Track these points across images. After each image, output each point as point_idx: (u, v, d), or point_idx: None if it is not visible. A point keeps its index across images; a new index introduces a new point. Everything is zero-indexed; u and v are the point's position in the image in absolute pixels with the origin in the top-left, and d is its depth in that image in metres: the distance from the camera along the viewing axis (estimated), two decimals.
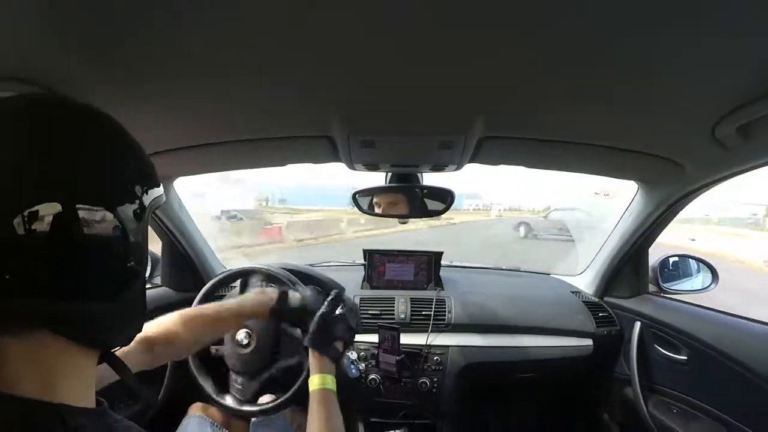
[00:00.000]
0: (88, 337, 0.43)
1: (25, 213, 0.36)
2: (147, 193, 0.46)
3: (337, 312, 0.97)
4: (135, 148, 0.47)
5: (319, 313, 0.95)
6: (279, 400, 1.11)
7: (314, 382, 0.87)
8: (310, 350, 0.93)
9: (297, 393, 1.10)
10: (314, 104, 0.82)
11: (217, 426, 1.23)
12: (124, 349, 0.52)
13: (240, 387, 1.20)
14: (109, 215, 0.41)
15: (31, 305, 0.38)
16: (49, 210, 0.37)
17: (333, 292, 1.02)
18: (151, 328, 0.84)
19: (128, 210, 0.43)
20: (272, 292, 1.01)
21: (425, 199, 1.27)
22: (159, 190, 0.49)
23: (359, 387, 1.47)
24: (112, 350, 0.50)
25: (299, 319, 0.99)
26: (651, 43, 0.56)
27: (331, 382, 0.88)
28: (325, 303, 0.98)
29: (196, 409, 1.27)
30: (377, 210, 1.30)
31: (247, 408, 1.16)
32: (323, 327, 0.94)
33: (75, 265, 0.39)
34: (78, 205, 0.39)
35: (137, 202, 0.44)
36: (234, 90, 0.75)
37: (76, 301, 0.40)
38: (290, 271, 1.30)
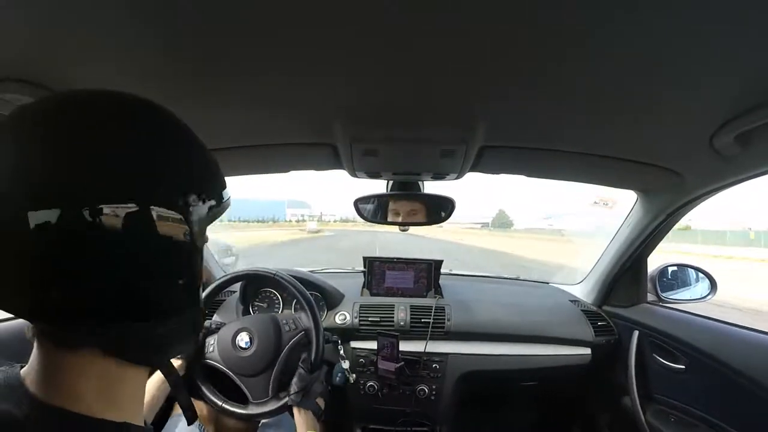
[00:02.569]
0: (136, 356, 0.41)
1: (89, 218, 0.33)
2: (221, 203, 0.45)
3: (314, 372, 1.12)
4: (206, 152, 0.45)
5: (297, 376, 1.10)
6: (283, 400, 1.11)
7: None
8: (294, 409, 1.05)
9: (299, 393, 1.11)
10: (317, 112, 0.83)
11: (202, 427, 1.22)
12: None
13: (236, 388, 1.19)
14: (182, 226, 0.38)
15: (81, 324, 0.36)
16: (119, 213, 0.34)
17: (304, 354, 1.16)
18: None
19: (198, 213, 0.40)
20: None
21: (426, 207, 1.28)
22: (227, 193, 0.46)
23: (357, 394, 1.47)
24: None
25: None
26: (650, 53, 0.57)
27: None
28: (301, 365, 1.12)
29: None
30: (378, 217, 1.30)
31: (253, 411, 1.16)
32: (304, 387, 1.07)
33: (144, 288, 0.37)
34: (153, 208, 0.36)
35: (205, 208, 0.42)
36: (237, 97, 0.76)
37: (124, 322, 0.38)
38: (293, 277, 1.30)
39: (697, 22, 0.50)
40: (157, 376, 0.97)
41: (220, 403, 1.19)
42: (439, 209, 1.27)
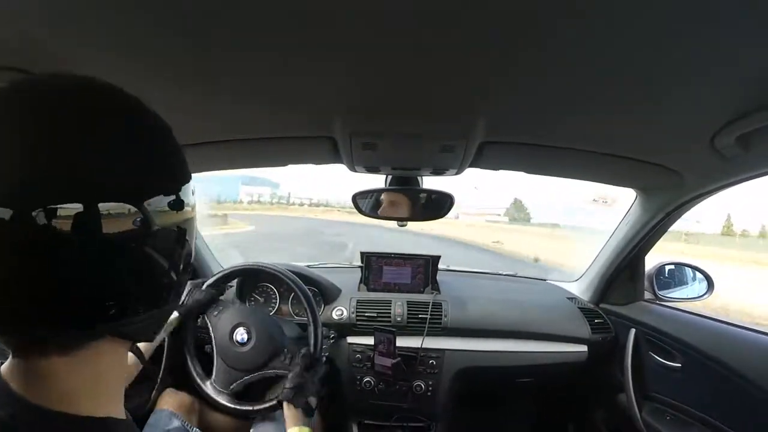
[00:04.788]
0: (143, 333, 0.42)
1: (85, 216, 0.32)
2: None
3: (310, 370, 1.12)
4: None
5: (294, 372, 1.10)
6: (275, 399, 1.11)
7: None
8: (285, 403, 1.05)
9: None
10: (316, 106, 0.82)
11: (185, 422, 1.22)
12: None
13: (232, 383, 1.19)
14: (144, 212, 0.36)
15: (102, 328, 0.36)
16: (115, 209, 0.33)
17: (303, 350, 1.16)
18: None
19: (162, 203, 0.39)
20: None
21: (425, 203, 1.28)
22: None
23: (354, 389, 1.47)
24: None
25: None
26: (652, 52, 0.57)
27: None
28: (299, 361, 1.13)
29: (166, 404, 1.25)
30: (377, 212, 1.30)
31: (246, 407, 1.16)
32: (298, 384, 1.07)
33: (150, 281, 0.38)
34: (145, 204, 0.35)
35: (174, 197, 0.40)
36: (237, 91, 0.75)
37: (143, 311, 0.38)
38: (290, 271, 1.30)
39: (700, 21, 0.49)
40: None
41: (215, 396, 1.19)
42: (438, 205, 1.26)
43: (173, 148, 0.42)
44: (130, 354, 0.89)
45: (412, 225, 1.48)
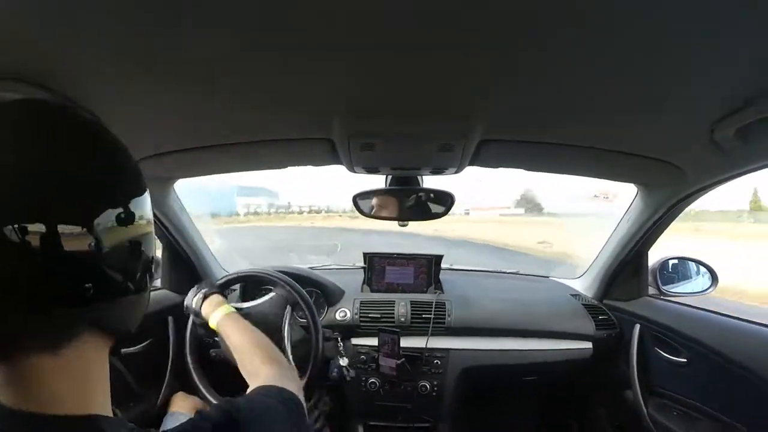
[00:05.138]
0: (123, 325, 0.44)
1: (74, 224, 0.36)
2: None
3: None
4: (126, 152, 0.45)
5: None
6: None
7: (221, 311, 1.04)
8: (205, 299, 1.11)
9: (305, 387, 1.12)
10: (314, 107, 0.82)
11: None
12: None
13: (239, 389, 1.20)
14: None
15: (75, 312, 0.38)
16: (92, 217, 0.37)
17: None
18: None
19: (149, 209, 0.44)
20: None
21: (425, 202, 1.28)
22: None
23: (359, 390, 1.47)
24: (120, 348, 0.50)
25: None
26: (650, 50, 0.57)
27: (228, 307, 1.07)
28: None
29: (178, 407, 1.25)
30: (378, 213, 1.30)
31: None
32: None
33: (124, 266, 0.41)
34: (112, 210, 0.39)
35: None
36: (235, 92, 0.75)
37: (115, 299, 0.41)
38: (293, 275, 1.31)
39: (697, 15, 0.49)
40: None
41: (210, 397, 1.19)
42: (438, 204, 1.26)
43: (120, 164, 0.43)
44: None
45: (422, 228, 1.47)
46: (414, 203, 1.27)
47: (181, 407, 1.23)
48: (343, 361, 1.39)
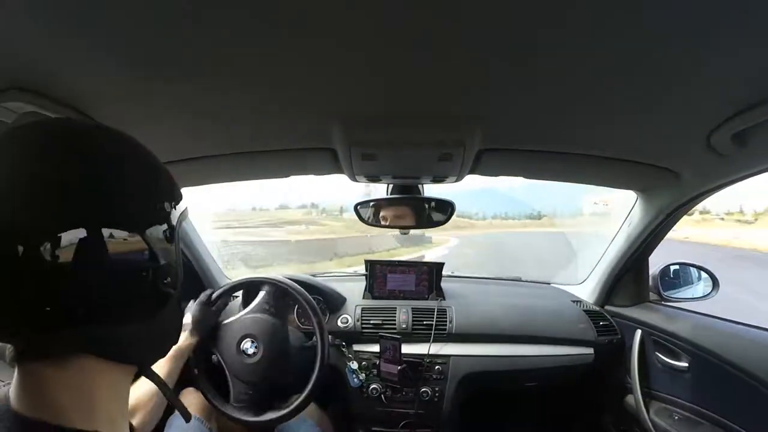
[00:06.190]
0: (127, 355, 0.44)
1: (53, 242, 0.35)
2: (175, 209, 0.45)
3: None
4: (159, 166, 0.46)
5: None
6: (293, 405, 1.12)
7: None
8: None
9: (310, 396, 1.17)
10: (316, 117, 0.84)
11: (202, 421, 1.23)
12: None
13: (245, 396, 1.20)
14: (138, 238, 0.40)
15: (72, 333, 0.38)
16: (75, 237, 0.36)
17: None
18: None
19: (158, 231, 0.42)
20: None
21: (426, 210, 1.29)
22: (183, 205, 0.47)
23: (361, 396, 1.47)
24: (150, 366, 0.50)
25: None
26: (647, 54, 0.58)
27: None
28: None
29: (188, 400, 1.26)
30: (380, 221, 1.31)
31: (271, 416, 1.18)
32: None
33: (110, 291, 0.39)
34: (105, 230, 0.37)
35: (166, 223, 0.43)
36: (237, 102, 0.76)
37: (114, 324, 0.40)
38: (296, 281, 1.32)
39: (694, 21, 0.50)
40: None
41: (221, 408, 1.20)
42: (439, 212, 1.27)
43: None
44: (150, 384, 0.86)
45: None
46: (415, 212, 1.29)
47: (189, 405, 1.24)
48: (354, 365, 1.40)
